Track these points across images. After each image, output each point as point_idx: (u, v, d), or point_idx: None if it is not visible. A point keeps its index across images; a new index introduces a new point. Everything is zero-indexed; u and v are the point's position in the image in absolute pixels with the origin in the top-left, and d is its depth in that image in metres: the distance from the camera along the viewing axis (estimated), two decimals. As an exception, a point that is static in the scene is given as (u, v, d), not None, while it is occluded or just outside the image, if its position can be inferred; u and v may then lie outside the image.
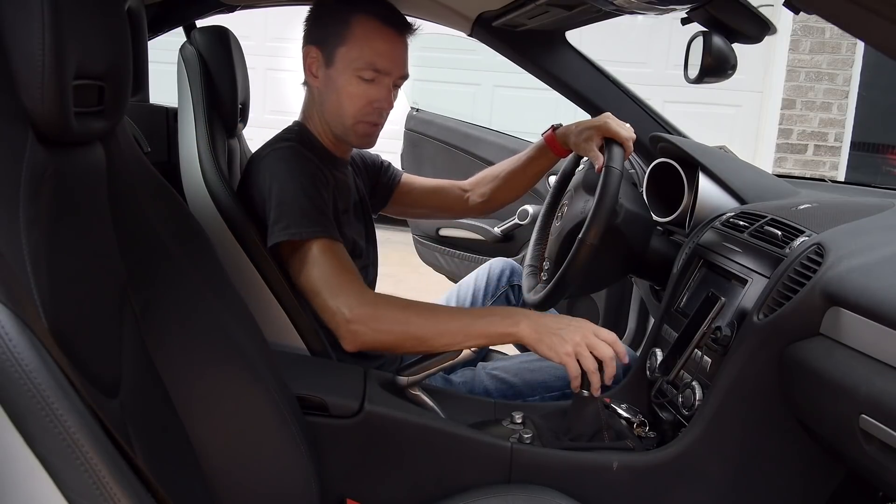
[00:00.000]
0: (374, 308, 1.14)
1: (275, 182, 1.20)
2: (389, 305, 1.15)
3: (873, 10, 0.60)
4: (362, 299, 1.14)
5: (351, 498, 1.11)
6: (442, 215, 1.76)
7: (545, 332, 1.10)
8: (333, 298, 1.15)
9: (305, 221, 1.17)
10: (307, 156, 1.24)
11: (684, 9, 1.23)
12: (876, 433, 0.81)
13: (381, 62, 1.24)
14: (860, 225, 1.09)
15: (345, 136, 1.30)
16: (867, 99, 4.96)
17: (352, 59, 1.23)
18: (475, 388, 1.40)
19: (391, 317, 1.14)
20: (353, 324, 1.13)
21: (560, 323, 1.11)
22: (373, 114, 1.27)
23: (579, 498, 1.06)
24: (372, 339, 1.14)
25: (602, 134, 1.33)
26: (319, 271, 1.16)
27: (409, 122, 2.45)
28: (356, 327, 1.13)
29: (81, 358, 0.65)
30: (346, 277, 1.17)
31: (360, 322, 1.13)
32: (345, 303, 1.13)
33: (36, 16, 0.63)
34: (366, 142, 1.32)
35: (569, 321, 1.12)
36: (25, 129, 0.65)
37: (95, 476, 0.50)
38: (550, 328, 1.10)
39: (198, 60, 1.43)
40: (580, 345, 1.08)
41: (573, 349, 1.08)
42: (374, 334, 1.14)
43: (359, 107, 1.26)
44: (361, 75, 1.23)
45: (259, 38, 5.01)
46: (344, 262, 1.19)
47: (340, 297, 1.14)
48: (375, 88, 1.25)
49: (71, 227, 0.71)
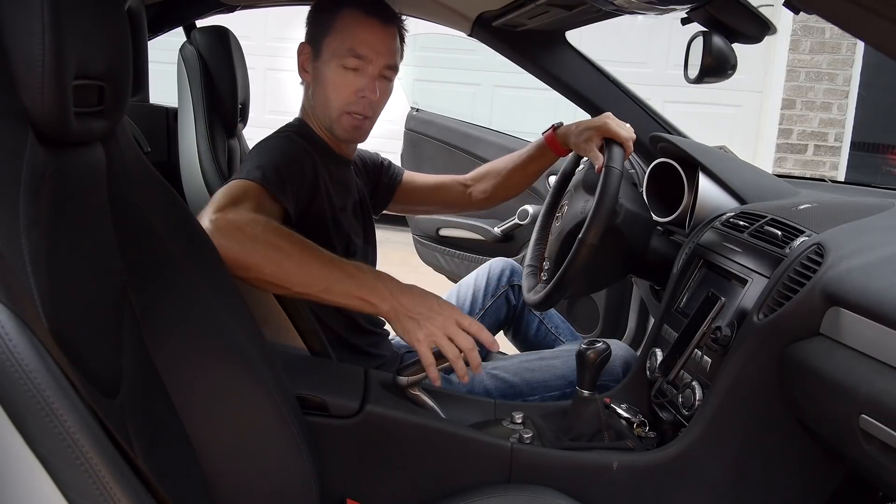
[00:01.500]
0: (242, 217, 1.04)
1: (251, 153, 1.21)
2: (262, 227, 1.04)
3: (873, 10, 0.60)
4: (239, 213, 1.04)
5: (351, 498, 1.11)
6: (444, 211, 1.77)
7: (402, 313, 1.05)
8: (211, 205, 1.05)
9: (255, 171, 1.12)
10: (298, 142, 1.25)
11: (684, 9, 1.23)
12: (876, 433, 0.81)
13: (361, 48, 1.24)
14: (860, 225, 1.09)
15: (332, 128, 1.30)
16: (867, 99, 4.97)
17: (335, 49, 1.25)
18: (475, 387, 1.40)
19: (256, 236, 1.02)
20: (214, 225, 1.01)
21: (422, 307, 1.05)
22: (358, 104, 1.26)
23: (579, 498, 1.06)
24: (224, 248, 0.98)
25: (602, 134, 1.33)
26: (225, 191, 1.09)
27: (409, 122, 2.45)
28: (214, 231, 1.01)
29: (81, 358, 0.65)
30: (245, 204, 1.07)
31: (220, 227, 1.01)
32: (222, 209, 1.04)
33: (36, 16, 0.63)
34: (353, 135, 1.30)
35: (431, 306, 1.06)
36: (25, 129, 0.65)
37: (95, 476, 0.50)
38: (409, 311, 1.05)
39: (198, 60, 1.43)
40: (435, 334, 1.04)
41: (425, 337, 1.04)
42: (227, 243, 1.00)
43: (343, 96, 1.26)
44: (344, 63, 1.25)
45: (259, 38, 5.01)
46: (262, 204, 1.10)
47: (218, 205, 1.05)
48: (359, 77, 1.26)
49: (71, 228, 0.71)
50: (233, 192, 1.09)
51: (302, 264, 1.04)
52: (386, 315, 1.06)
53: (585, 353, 1.17)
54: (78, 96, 0.69)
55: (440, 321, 1.05)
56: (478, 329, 1.06)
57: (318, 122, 1.32)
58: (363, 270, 1.07)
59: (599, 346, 1.17)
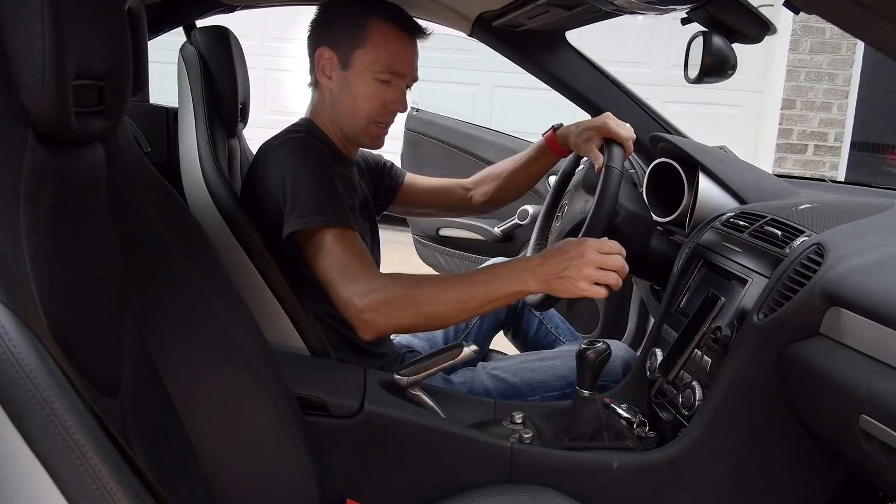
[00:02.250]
0: (383, 293, 1.12)
1: (288, 172, 1.20)
2: (399, 288, 1.14)
3: (873, 10, 0.60)
4: (372, 285, 1.13)
5: (351, 498, 1.11)
6: (445, 214, 1.77)
7: (552, 279, 1.09)
8: (345, 288, 1.14)
9: (320, 210, 1.17)
10: (319, 147, 1.26)
11: (684, 9, 1.23)
12: (876, 433, 0.81)
13: (398, 65, 1.27)
14: (860, 225, 1.09)
15: (356, 137, 1.32)
16: (867, 99, 4.97)
17: (370, 62, 1.26)
18: (475, 388, 1.40)
19: (401, 300, 1.13)
20: (365, 313, 1.12)
21: (562, 262, 1.08)
22: (386, 115, 1.30)
23: (579, 498, 1.06)
24: (385, 324, 1.13)
25: (602, 134, 1.33)
26: (332, 261, 1.16)
27: (409, 122, 2.45)
28: (368, 316, 1.12)
29: (81, 358, 0.65)
30: (358, 266, 1.15)
31: (372, 311, 1.11)
32: (356, 292, 1.12)
33: (36, 16, 0.63)
34: (376, 143, 1.34)
35: (569, 255, 1.08)
36: (25, 129, 0.65)
37: (95, 476, 0.50)
38: (556, 274, 1.08)
39: (198, 60, 1.43)
40: (591, 276, 1.06)
41: (587, 286, 1.07)
42: (387, 320, 1.13)
43: (374, 108, 1.28)
44: (378, 77, 1.26)
45: (259, 38, 5.01)
46: (357, 249, 1.18)
47: (351, 286, 1.13)
48: (391, 90, 1.28)
49: (71, 227, 0.71)
50: (338, 257, 1.15)
51: (451, 300, 1.13)
52: (542, 291, 1.11)
53: (585, 353, 1.17)
54: (78, 96, 0.69)
55: (586, 260, 1.07)
56: (617, 247, 1.09)
57: (338, 127, 1.32)
58: (492, 271, 1.15)
59: (599, 346, 1.17)
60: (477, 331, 1.65)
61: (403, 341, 1.58)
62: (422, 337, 1.60)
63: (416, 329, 1.18)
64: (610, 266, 1.07)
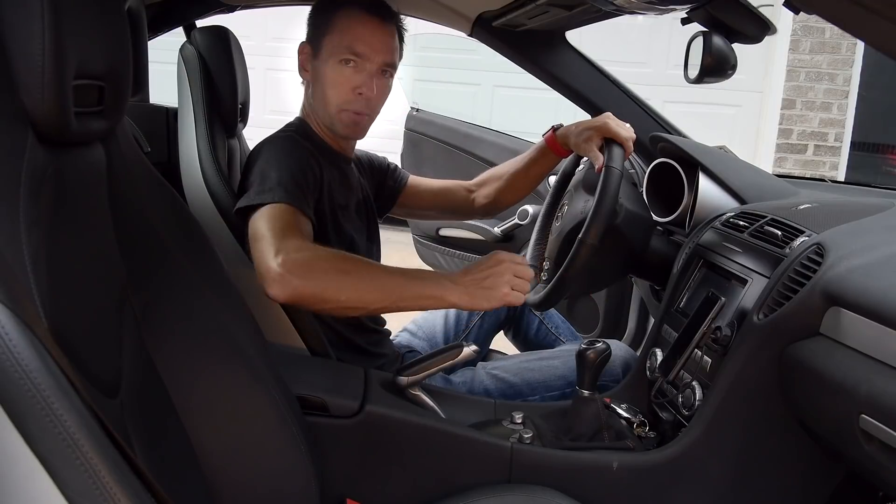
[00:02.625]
0: (307, 255, 1.07)
1: (262, 159, 1.21)
2: (326, 258, 1.08)
3: (873, 10, 0.60)
4: (299, 247, 1.07)
5: (351, 498, 1.12)
6: (448, 217, 1.76)
7: (473, 288, 1.09)
8: (270, 247, 1.07)
9: (279, 189, 1.14)
10: (302, 144, 1.26)
11: (684, 9, 1.23)
12: (876, 433, 0.81)
13: (359, 46, 1.25)
14: (860, 225, 1.09)
15: (331, 125, 1.31)
16: (867, 99, 4.96)
17: (334, 47, 1.26)
18: (475, 388, 1.40)
19: (325, 269, 1.06)
20: (284, 270, 1.04)
21: (483, 272, 1.10)
22: (356, 101, 1.27)
23: (579, 498, 1.06)
24: (300, 286, 1.04)
25: (602, 134, 1.33)
26: (269, 225, 1.11)
27: (409, 122, 2.44)
28: (286, 274, 1.04)
29: (81, 358, 0.65)
30: (293, 234, 1.10)
31: (291, 271, 1.04)
32: (282, 249, 1.06)
33: (36, 16, 0.63)
34: (352, 131, 1.31)
35: (487, 265, 1.10)
36: (25, 129, 0.65)
37: (95, 476, 0.50)
38: (477, 282, 1.09)
39: (198, 60, 1.43)
40: (511, 282, 1.09)
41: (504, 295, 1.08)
42: (302, 282, 1.04)
43: (342, 93, 1.27)
44: (341, 58, 1.26)
45: (259, 38, 5.01)
46: (300, 226, 1.13)
47: (279, 245, 1.07)
48: (357, 74, 1.26)
49: (71, 228, 0.71)
50: (274, 223, 1.12)
51: (373, 283, 1.09)
52: (461, 301, 1.10)
53: (585, 353, 1.17)
54: (78, 96, 0.69)
55: (504, 268, 1.09)
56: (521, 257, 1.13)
57: (319, 120, 1.32)
58: (420, 272, 1.13)
59: (599, 346, 1.17)
60: (477, 331, 1.65)
61: (403, 341, 1.58)
62: (422, 337, 1.60)
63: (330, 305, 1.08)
64: (522, 275, 1.10)
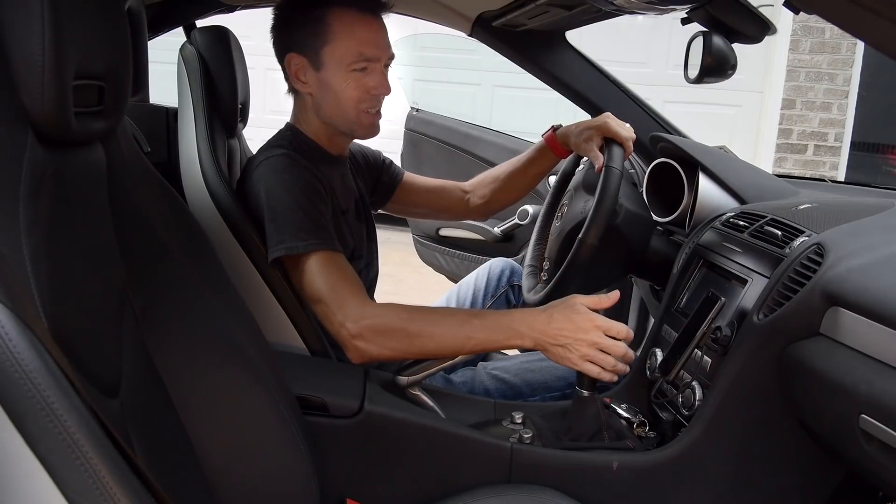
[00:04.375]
0: (376, 322, 1.13)
1: (269, 195, 1.19)
2: (393, 319, 1.14)
3: (873, 10, 0.60)
4: (365, 312, 1.13)
5: (351, 498, 1.11)
6: (442, 216, 1.76)
7: (548, 343, 1.10)
8: (337, 312, 1.14)
9: (302, 234, 1.16)
10: (302, 163, 1.23)
11: (684, 9, 1.23)
12: (876, 433, 0.81)
13: (369, 50, 1.24)
14: (860, 225, 1.09)
15: (351, 131, 1.30)
16: (867, 99, 4.97)
17: (340, 56, 1.23)
18: (475, 388, 1.40)
19: (395, 332, 1.14)
20: (358, 339, 1.13)
21: (564, 330, 1.09)
22: (373, 101, 1.27)
23: (579, 498, 1.06)
24: (377, 353, 1.14)
25: (602, 134, 1.33)
26: (320, 283, 1.16)
27: (409, 122, 2.44)
28: (360, 343, 1.13)
29: (81, 358, 0.65)
30: (348, 289, 1.16)
31: (364, 338, 1.13)
32: (349, 316, 1.13)
33: (36, 16, 0.63)
34: (371, 132, 1.32)
35: (574, 327, 1.09)
36: (25, 129, 0.65)
37: (95, 476, 0.50)
38: (554, 339, 1.10)
39: (198, 60, 1.43)
40: (588, 355, 1.08)
41: (580, 359, 1.09)
42: (378, 349, 1.13)
43: (358, 97, 1.26)
44: (353, 68, 1.24)
45: (259, 38, 4.95)
46: (344, 272, 1.18)
47: (343, 309, 1.13)
48: (370, 76, 1.25)
49: (71, 227, 0.71)
50: (324, 282, 1.15)
51: (446, 339, 1.13)
52: (534, 348, 1.12)
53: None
54: (78, 96, 0.69)
55: (587, 339, 1.08)
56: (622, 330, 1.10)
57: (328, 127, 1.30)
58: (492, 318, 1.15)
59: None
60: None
61: None
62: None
63: (403, 359, 1.18)
64: (611, 351, 1.08)
